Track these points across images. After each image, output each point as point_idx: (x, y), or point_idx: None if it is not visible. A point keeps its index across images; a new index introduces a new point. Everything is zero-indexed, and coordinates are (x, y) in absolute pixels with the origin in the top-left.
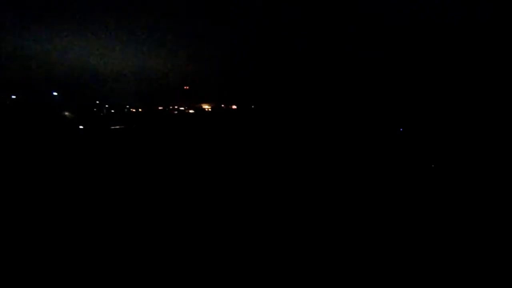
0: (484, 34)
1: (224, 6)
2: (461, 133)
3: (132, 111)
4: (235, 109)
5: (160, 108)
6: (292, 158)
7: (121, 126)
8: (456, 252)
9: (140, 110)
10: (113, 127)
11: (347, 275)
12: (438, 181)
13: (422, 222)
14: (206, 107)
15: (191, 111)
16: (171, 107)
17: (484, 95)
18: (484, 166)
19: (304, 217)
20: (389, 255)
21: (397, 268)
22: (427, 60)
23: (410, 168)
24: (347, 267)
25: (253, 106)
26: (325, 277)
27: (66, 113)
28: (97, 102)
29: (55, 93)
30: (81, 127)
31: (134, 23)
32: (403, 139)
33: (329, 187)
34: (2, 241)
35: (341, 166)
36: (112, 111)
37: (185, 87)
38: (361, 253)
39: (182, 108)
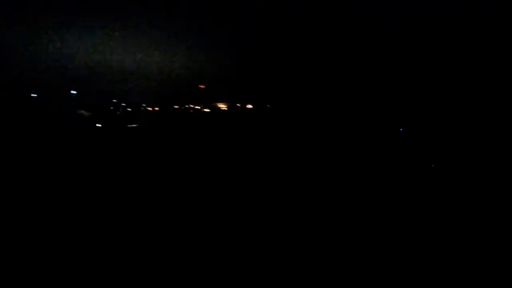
0: (484, 34)
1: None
2: (461, 133)
3: (148, 109)
4: (250, 108)
5: (176, 107)
6: (294, 158)
7: (137, 125)
8: (456, 252)
9: (156, 109)
10: (129, 126)
11: (347, 275)
12: (438, 181)
13: (422, 222)
14: (221, 106)
15: (206, 110)
16: (186, 106)
17: (484, 95)
18: (484, 166)
19: (304, 216)
20: (389, 255)
21: (397, 268)
22: (427, 60)
23: (410, 168)
24: (347, 267)
25: (268, 106)
26: (325, 277)
27: (84, 112)
28: (114, 101)
29: (73, 92)
30: (98, 125)
31: (151, 23)
32: (403, 139)
33: (329, 187)
34: (16, 237)
35: (341, 166)
36: (129, 110)
37: (200, 86)
38: (361, 253)
39: (198, 107)
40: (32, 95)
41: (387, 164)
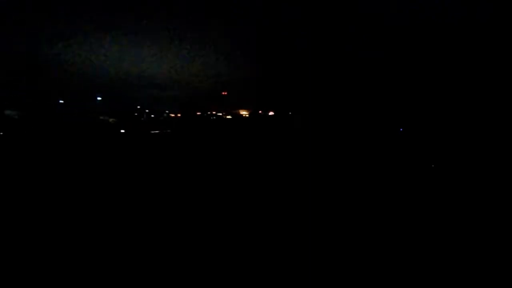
0: (484, 34)
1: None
2: (461, 133)
3: (171, 116)
4: (272, 115)
5: (198, 113)
6: (294, 159)
7: (161, 131)
8: (456, 252)
9: (179, 115)
10: (152, 132)
11: (347, 275)
12: (438, 181)
13: (422, 222)
14: (243, 113)
15: (228, 116)
16: (209, 113)
17: (484, 95)
18: (484, 166)
19: (304, 216)
20: (389, 255)
21: (396, 268)
22: (427, 60)
23: (410, 168)
24: (347, 267)
25: (290, 113)
26: (324, 277)
27: (109, 118)
28: (138, 107)
29: (98, 98)
30: (122, 131)
31: (174, 32)
32: (403, 139)
33: (329, 187)
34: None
35: (341, 166)
36: (152, 116)
37: (222, 93)
38: (361, 253)
39: (220, 114)
40: (60, 101)
41: (387, 164)
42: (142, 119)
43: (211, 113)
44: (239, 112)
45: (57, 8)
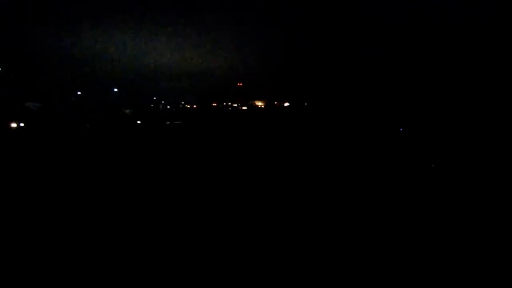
0: (484, 34)
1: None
2: (461, 133)
3: (187, 107)
4: (287, 106)
5: (214, 104)
6: (294, 158)
7: (176, 122)
8: (456, 252)
9: (194, 106)
10: (168, 123)
11: (347, 274)
12: (438, 181)
13: (422, 222)
14: (259, 104)
15: (244, 108)
16: (224, 104)
17: (484, 95)
18: (484, 166)
19: (305, 216)
20: (389, 255)
21: (397, 268)
22: (427, 60)
23: (410, 168)
24: (347, 267)
25: (306, 104)
26: (325, 277)
27: (126, 110)
28: (154, 98)
29: (115, 90)
30: (138, 122)
31: (191, 25)
32: (403, 139)
33: (329, 187)
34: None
35: (341, 166)
36: (168, 107)
37: (238, 84)
38: (361, 253)
39: (236, 105)
40: (78, 92)
41: (387, 164)
42: (158, 110)
43: (227, 104)
44: (254, 103)
45: (73, 5)
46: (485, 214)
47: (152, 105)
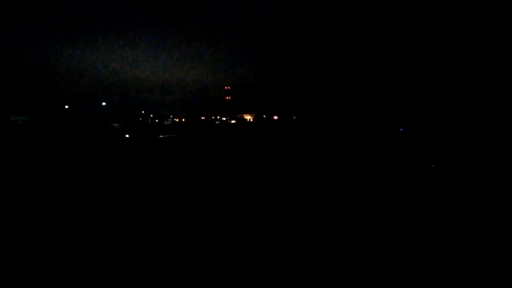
0: (484, 34)
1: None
2: (461, 133)
3: (175, 121)
4: (276, 119)
5: (202, 118)
6: (295, 158)
7: (165, 135)
8: (456, 252)
9: (183, 120)
10: (156, 136)
11: (346, 274)
12: (438, 181)
13: (422, 222)
14: (247, 117)
15: (233, 121)
16: (213, 117)
17: (483, 95)
18: (484, 166)
19: (304, 216)
20: (389, 255)
21: (396, 268)
22: (427, 60)
23: (410, 168)
24: (346, 267)
25: (294, 117)
26: (324, 277)
27: (114, 123)
28: (143, 112)
29: (103, 103)
30: (127, 136)
31: (179, 38)
32: (403, 139)
33: (329, 187)
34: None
35: (341, 165)
36: (157, 120)
37: (226, 98)
38: (361, 253)
39: (224, 119)
40: (65, 106)
41: (387, 164)
42: (146, 123)
43: (216, 117)
44: (243, 117)
45: (61, 14)
46: (485, 214)
47: (140, 119)
